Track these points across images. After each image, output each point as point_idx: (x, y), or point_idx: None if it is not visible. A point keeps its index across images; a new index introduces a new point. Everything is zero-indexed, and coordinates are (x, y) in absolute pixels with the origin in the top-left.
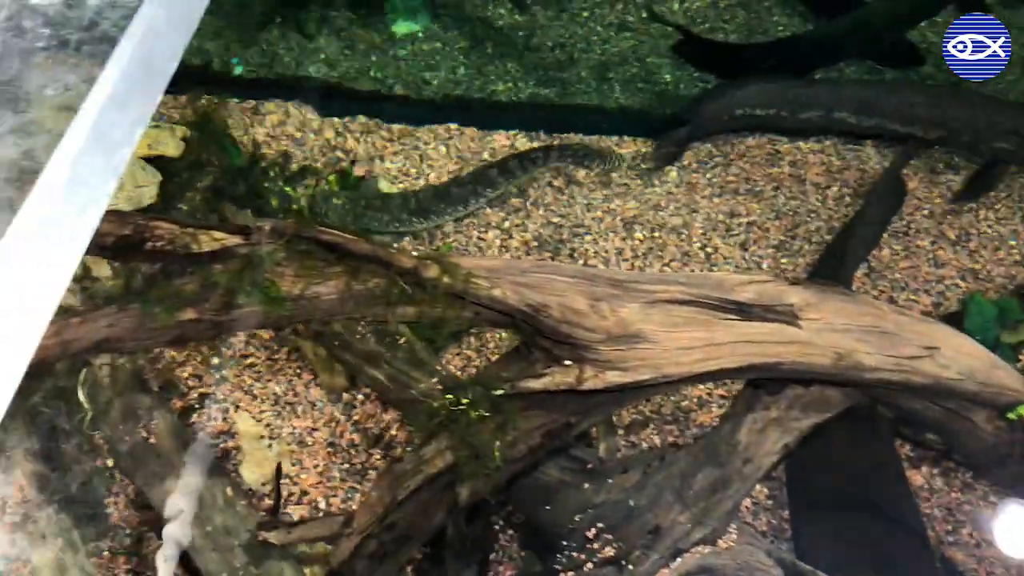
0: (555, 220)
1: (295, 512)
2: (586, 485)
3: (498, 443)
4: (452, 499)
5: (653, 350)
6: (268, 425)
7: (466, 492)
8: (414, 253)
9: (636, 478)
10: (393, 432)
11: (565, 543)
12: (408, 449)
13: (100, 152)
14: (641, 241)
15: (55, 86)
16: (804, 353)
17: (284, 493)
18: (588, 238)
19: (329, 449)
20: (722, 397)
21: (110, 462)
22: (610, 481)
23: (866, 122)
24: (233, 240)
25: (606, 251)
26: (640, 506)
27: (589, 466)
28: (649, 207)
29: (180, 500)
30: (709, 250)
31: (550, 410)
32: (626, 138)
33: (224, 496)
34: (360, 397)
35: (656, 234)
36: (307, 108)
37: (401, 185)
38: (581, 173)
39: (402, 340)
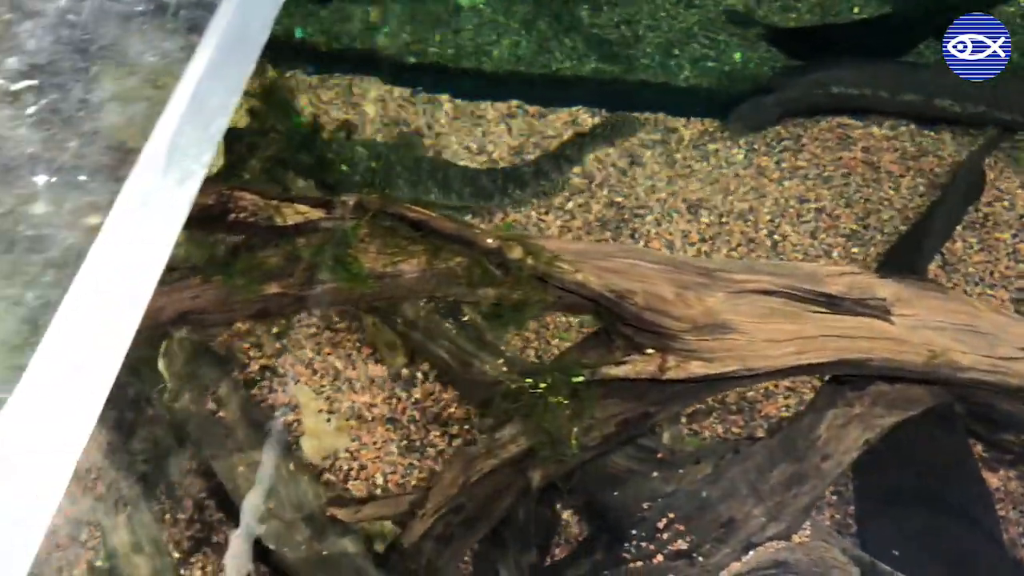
0: (618, 200)
1: (353, 487)
2: (655, 474)
3: (576, 430)
4: (523, 484)
5: (739, 341)
6: (328, 399)
7: (539, 477)
8: (498, 233)
9: (708, 470)
10: (452, 410)
11: (634, 532)
12: (466, 428)
13: (199, 122)
14: (706, 225)
15: (152, 52)
16: (896, 350)
17: (344, 468)
18: (650, 219)
19: (388, 425)
20: (788, 389)
21: (179, 431)
22: (681, 471)
23: (971, 109)
24: (316, 214)
25: (669, 234)
26: (713, 498)
27: (659, 455)
28: (715, 190)
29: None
30: (777, 237)
31: (628, 398)
32: (692, 119)
33: (288, 469)
34: (419, 375)
35: (722, 218)
36: (370, 80)
37: (462, 162)
38: (646, 153)
39: (466, 319)
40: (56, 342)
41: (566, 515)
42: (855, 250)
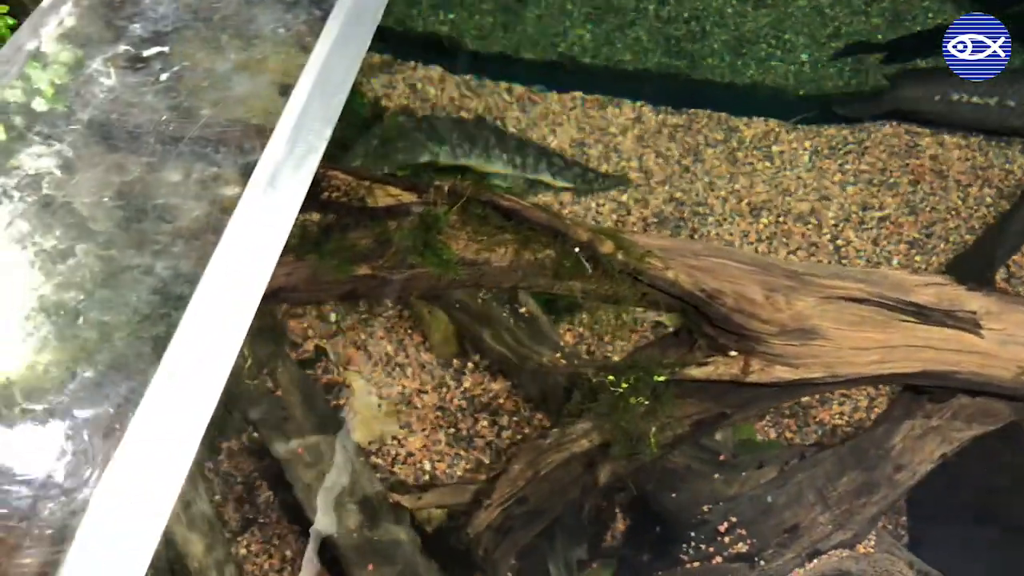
0: (677, 196)
1: (400, 472)
2: (716, 476)
3: (654, 430)
4: (589, 480)
5: (826, 348)
6: (378, 384)
7: (606, 474)
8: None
9: (773, 474)
10: (500, 402)
11: (692, 533)
12: (515, 420)
13: (323, 97)
14: (766, 226)
15: (277, 24)
16: (983, 364)
17: (392, 453)
18: (711, 219)
19: (437, 413)
20: (843, 395)
21: (235, 406)
22: (744, 475)
23: None
24: (408, 197)
25: (730, 234)
26: (778, 503)
27: (720, 457)
28: (777, 191)
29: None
30: (840, 242)
31: (705, 399)
32: (755, 118)
33: (343, 453)
34: (469, 364)
35: (782, 220)
36: (432, 67)
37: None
38: (708, 151)
39: (524, 311)
40: (194, 319)
41: (619, 514)
42: (917, 258)
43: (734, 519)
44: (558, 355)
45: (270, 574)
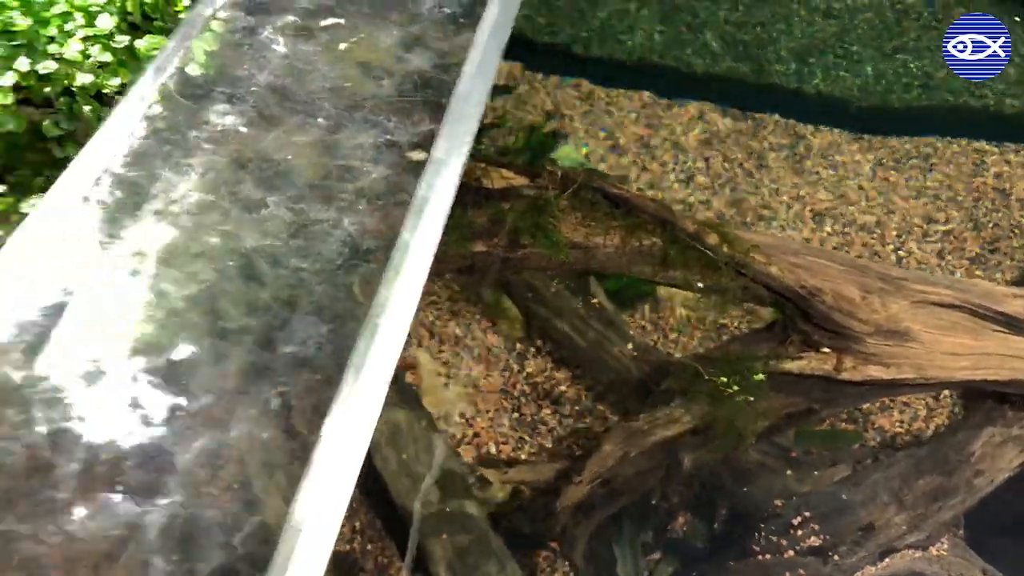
0: (741, 199)
1: (464, 453)
2: (789, 472)
3: (752, 421)
4: (672, 466)
5: (919, 350)
6: (446, 364)
7: (689, 461)
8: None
9: (847, 473)
10: (563, 389)
11: (763, 526)
12: (577, 408)
13: (481, 77)
14: (829, 234)
15: (433, 4)
16: None
17: (458, 434)
18: (775, 223)
19: (501, 396)
20: (904, 404)
21: None
22: (816, 473)
23: None
24: (521, 180)
25: (792, 240)
26: (853, 501)
27: (793, 454)
28: (841, 200)
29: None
30: (902, 253)
31: (794, 393)
32: (821, 127)
33: (419, 426)
34: (532, 350)
35: (846, 229)
36: (503, 61)
37: (585, 149)
38: (773, 156)
39: (596, 301)
40: (404, 283)
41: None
42: (979, 274)
43: (807, 514)
44: (629, 346)
45: (339, 543)
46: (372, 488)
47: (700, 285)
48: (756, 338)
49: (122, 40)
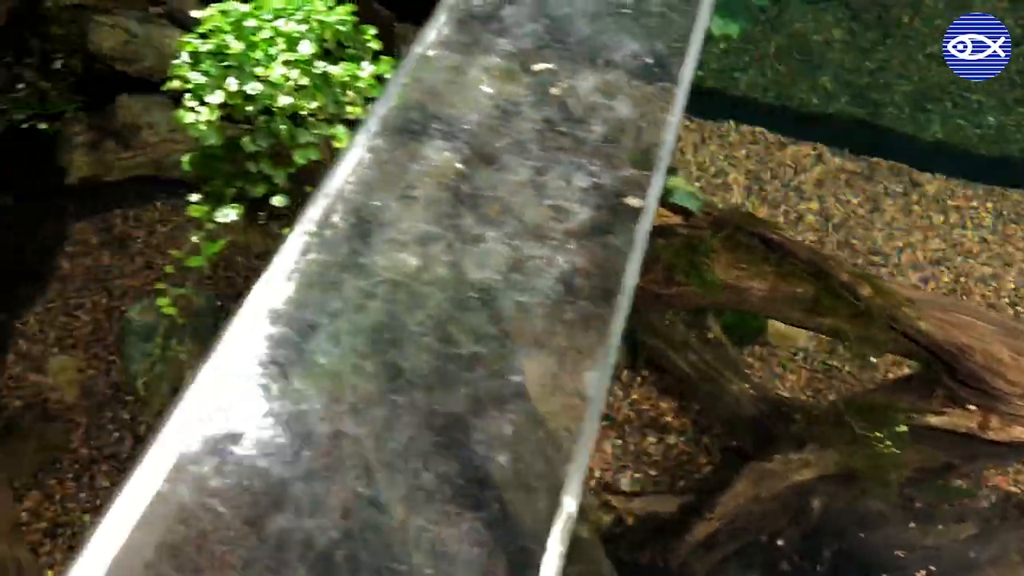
0: (853, 243)
1: None
2: (912, 525)
3: (895, 470)
4: (799, 509)
5: None
6: None
7: (819, 507)
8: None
9: (974, 530)
10: (668, 420)
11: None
12: (683, 439)
13: (675, 128)
14: (943, 283)
15: (631, 53)
16: None
17: None
18: (885, 269)
19: (605, 423)
20: (1021, 464)
21: None
22: (941, 527)
23: None
24: (674, 220)
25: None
26: (981, 559)
27: (916, 504)
28: (956, 250)
29: None
30: (1020, 308)
31: (934, 447)
32: (937, 174)
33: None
34: (639, 378)
35: (961, 279)
36: None
37: (699, 183)
38: (887, 202)
39: (712, 335)
40: (617, 323)
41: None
42: None
43: (932, 568)
44: (747, 386)
45: None
46: None
47: (838, 334)
48: (897, 389)
49: (320, 66)
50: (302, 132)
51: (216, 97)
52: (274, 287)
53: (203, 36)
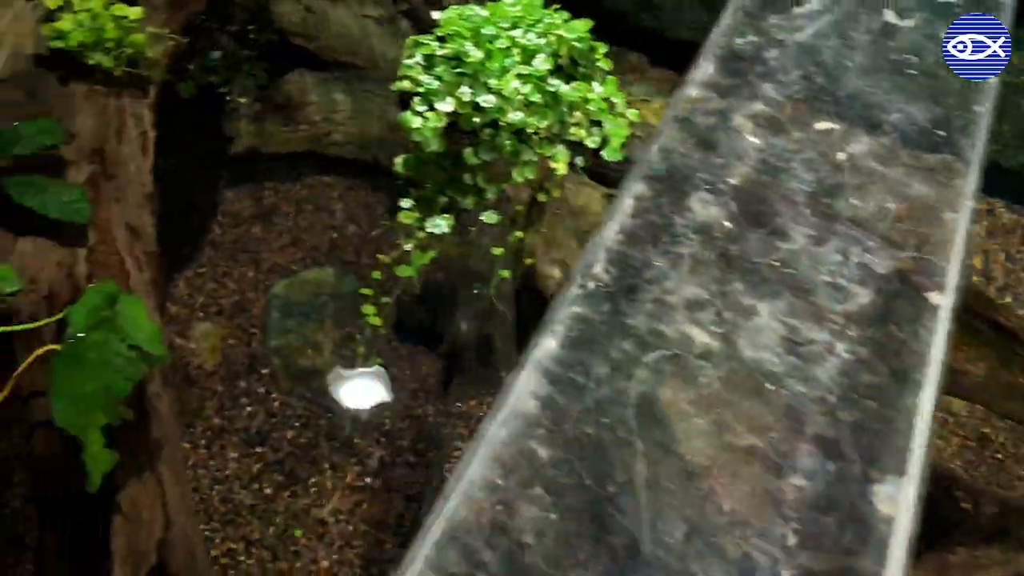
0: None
1: None
2: None
3: None
4: None
5: None
6: None
7: None
8: None
9: None
10: None
11: None
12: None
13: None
14: None
15: (907, 117)
16: None
17: None
18: None
19: None
20: None
21: None
22: None
23: None
24: None
25: None
26: None
27: None
28: None
29: None
30: None
31: None
32: None
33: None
34: None
35: None
36: None
37: None
38: None
39: None
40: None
41: None
42: None
43: None
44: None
45: None
46: None
47: None
48: None
49: (555, 84)
50: (525, 149)
51: (447, 105)
52: (540, 341)
53: (441, 40)
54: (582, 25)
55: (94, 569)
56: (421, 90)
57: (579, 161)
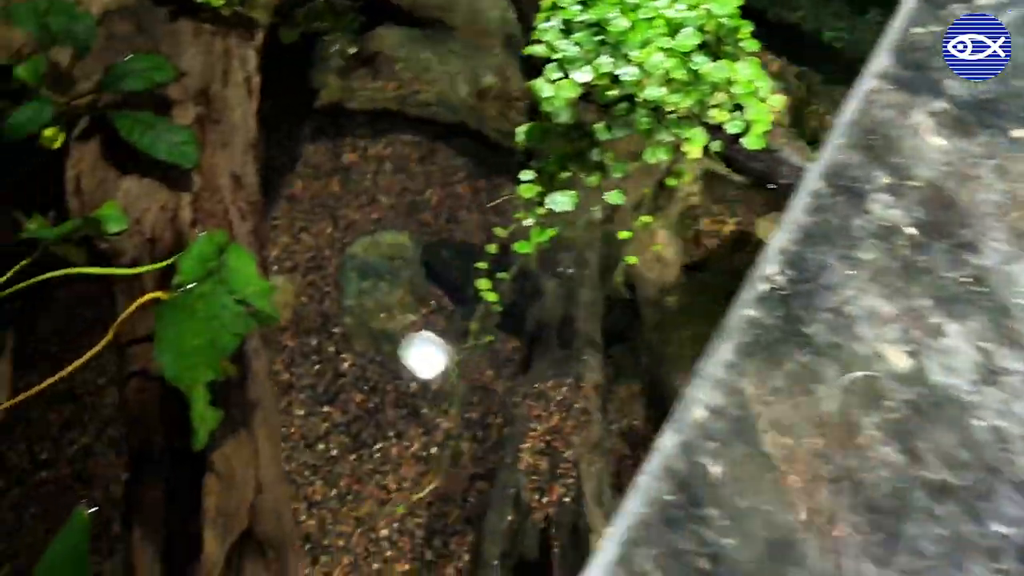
0: None
1: None
2: None
3: None
4: None
5: None
6: None
7: None
8: None
9: None
10: None
11: None
12: None
13: None
14: None
15: None
16: None
17: None
18: None
19: None
20: None
21: None
22: None
23: None
24: None
25: None
26: None
27: None
28: None
29: None
30: None
31: None
32: None
33: None
34: None
35: None
36: None
37: None
38: None
39: None
40: None
41: None
42: None
43: None
44: None
45: None
46: None
47: None
48: None
49: (700, 62)
50: (660, 129)
51: (584, 75)
52: (714, 349)
53: (583, 3)
54: (734, 1)
55: (182, 528)
56: (557, 56)
57: (714, 146)
